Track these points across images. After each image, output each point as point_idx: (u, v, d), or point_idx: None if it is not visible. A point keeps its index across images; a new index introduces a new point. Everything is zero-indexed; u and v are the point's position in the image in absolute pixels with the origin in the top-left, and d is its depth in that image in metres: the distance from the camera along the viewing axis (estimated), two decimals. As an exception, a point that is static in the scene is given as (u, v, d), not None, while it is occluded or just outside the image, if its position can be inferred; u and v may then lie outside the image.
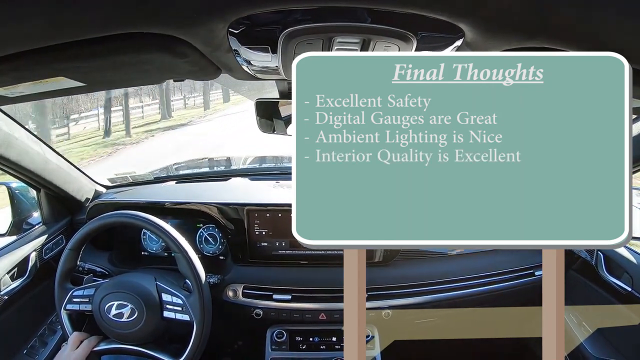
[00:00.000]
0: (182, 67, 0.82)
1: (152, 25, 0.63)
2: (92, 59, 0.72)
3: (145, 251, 1.81)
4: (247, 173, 2.05)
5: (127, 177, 2.03)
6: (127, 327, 1.36)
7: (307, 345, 1.60)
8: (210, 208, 1.69)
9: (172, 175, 2.08)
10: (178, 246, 1.43)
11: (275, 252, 1.68)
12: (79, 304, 1.42)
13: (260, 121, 1.37)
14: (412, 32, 0.69)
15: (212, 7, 0.59)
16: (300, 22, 0.67)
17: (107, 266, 1.70)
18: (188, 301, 1.38)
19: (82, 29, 0.61)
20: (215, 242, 1.76)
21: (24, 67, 0.70)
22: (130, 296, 1.36)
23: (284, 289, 1.62)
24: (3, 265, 1.45)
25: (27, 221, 1.71)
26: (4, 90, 0.85)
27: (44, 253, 1.63)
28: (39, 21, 0.56)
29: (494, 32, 0.66)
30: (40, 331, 1.61)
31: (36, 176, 1.52)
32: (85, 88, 0.92)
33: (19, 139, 1.37)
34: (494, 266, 1.67)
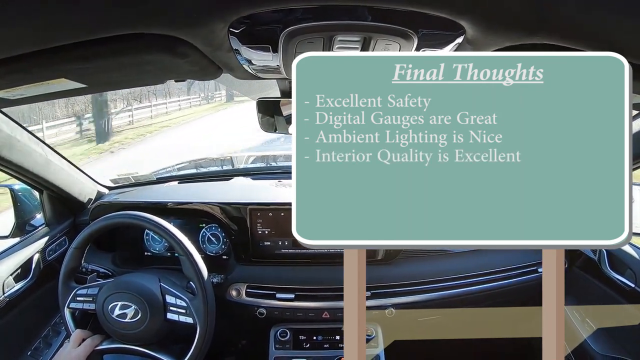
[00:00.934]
0: (183, 67, 0.82)
1: (153, 25, 0.63)
2: (93, 60, 0.72)
3: (148, 251, 1.81)
4: (249, 172, 2.05)
5: (129, 178, 2.04)
6: (130, 327, 1.36)
7: (311, 344, 1.60)
8: (213, 208, 1.69)
9: (174, 176, 2.09)
10: (183, 248, 1.43)
11: (278, 251, 1.68)
12: (82, 303, 1.42)
13: (261, 120, 1.37)
14: (412, 30, 0.69)
15: (213, 7, 0.59)
16: (300, 21, 0.67)
17: (110, 267, 1.70)
18: (192, 304, 1.38)
19: (83, 30, 0.61)
20: (218, 242, 1.76)
21: (24, 69, 0.70)
22: (134, 297, 1.36)
23: (287, 288, 1.63)
24: (6, 267, 1.45)
25: (30, 223, 1.71)
26: (5, 92, 0.85)
27: (47, 254, 1.63)
28: (40, 23, 0.56)
29: (494, 29, 0.65)
30: (44, 332, 1.61)
31: (38, 178, 1.52)
32: (87, 89, 0.92)
33: (21, 140, 1.37)
34: (497, 263, 1.66)
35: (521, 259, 1.67)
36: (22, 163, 1.40)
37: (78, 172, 1.74)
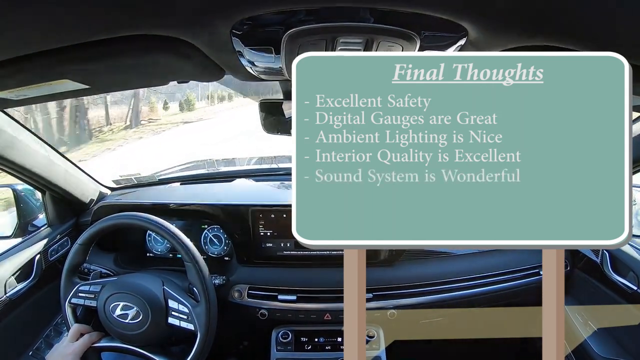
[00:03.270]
0: (186, 68, 0.82)
1: (156, 27, 0.63)
2: (97, 62, 0.72)
3: (151, 252, 1.81)
4: (251, 174, 2.05)
5: (132, 179, 2.04)
6: (131, 328, 1.36)
7: (313, 346, 1.60)
8: (215, 209, 1.69)
9: (177, 177, 2.08)
10: (189, 255, 1.42)
11: (280, 253, 1.68)
12: (84, 299, 1.42)
13: (264, 122, 1.37)
14: (415, 32, 0.69)
15: (216, 8, 0.59)
16: (303, 23, 0.67)
17: (112, 267, 1.70)
18: (194, 311, 1.37)
19: (86, 32, 0.61)
20: (220, 243, 1.76)
21: (28, 69, 0.71)
22: (136, 298, 1.36)
23: (289, 290, 1.62)
24: (9, 267, 1.45)
25: (33, 223, 1.72)
26: (9, 92, 0.85)
27: (50, 255, 1.63)
28: (43, 24, 0.57)
29: (497, 31, 0.65)
30: (46, 332, 1.61)
31: (41, 178, 1.52)
32: (90, 90, 0.92)
33: (23, 141, 1.37)
34: (500, 265, 1.66)
35: (523, 261, 1.66)
36: (24, 163, 1.41)
37: (80, 172, 1.75)
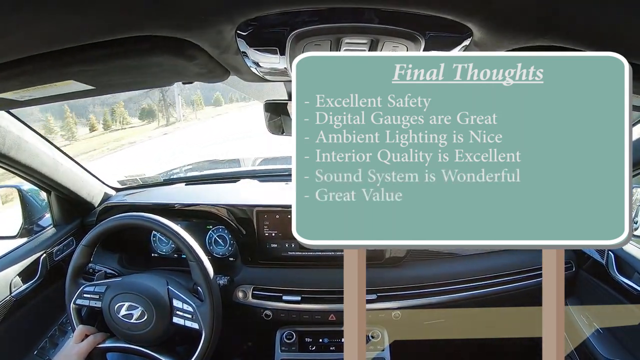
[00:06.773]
0: (190, 69, 0.82)
1: (161, 28, 0.63)
2: (102, 62, 0.72)
3: (155, 253, 1.82)
4: (256, 174, 2.05)
5: (137, 179, 2.05)
6: (135, 328, 1.36)
7: (317, 346, 1.60)
8: (220, 210, 1.69)
9: (181, 177, 2.09)
10: (194, 254, 1.43)
11: (284, 253, 1.69)
12: (89, 300, 1.42)
13: (269, 122, 1.37)
14: (420, 33, 0.69)
15: (220, 9, 0.59)
16: (308, 24, 0.67)
17: (117, 268, 1.71)
18: (199, 310, 1.38)
19: (91, 33, 0.61)
20: (225, 244, 1.77)
21: (33, 71, 0.71)
22: (141, 298, 1.37)
23: (294, 290, 1.63)
24: (14, 267, 1.46)
25: (38, 223, 1.73)
26: (14, 94, 0.86)
27: (55, 255, 1.64)
28: (48, 25, 0.57)
29: (502, 32, 0.65)
30: (51, 332, 1.62)
31: (47, 179, 1.53)
32: (95, 91, 0.93)
33: (29, 142, 1.38)
34: (504, 266, 1.66)
35: (528, 261, 1.66)
36: (30, 164, 1.41)
37: (86, 173, 1.75)
